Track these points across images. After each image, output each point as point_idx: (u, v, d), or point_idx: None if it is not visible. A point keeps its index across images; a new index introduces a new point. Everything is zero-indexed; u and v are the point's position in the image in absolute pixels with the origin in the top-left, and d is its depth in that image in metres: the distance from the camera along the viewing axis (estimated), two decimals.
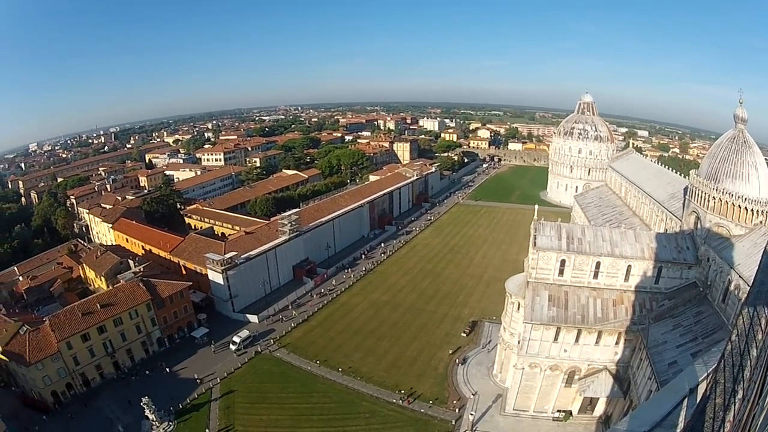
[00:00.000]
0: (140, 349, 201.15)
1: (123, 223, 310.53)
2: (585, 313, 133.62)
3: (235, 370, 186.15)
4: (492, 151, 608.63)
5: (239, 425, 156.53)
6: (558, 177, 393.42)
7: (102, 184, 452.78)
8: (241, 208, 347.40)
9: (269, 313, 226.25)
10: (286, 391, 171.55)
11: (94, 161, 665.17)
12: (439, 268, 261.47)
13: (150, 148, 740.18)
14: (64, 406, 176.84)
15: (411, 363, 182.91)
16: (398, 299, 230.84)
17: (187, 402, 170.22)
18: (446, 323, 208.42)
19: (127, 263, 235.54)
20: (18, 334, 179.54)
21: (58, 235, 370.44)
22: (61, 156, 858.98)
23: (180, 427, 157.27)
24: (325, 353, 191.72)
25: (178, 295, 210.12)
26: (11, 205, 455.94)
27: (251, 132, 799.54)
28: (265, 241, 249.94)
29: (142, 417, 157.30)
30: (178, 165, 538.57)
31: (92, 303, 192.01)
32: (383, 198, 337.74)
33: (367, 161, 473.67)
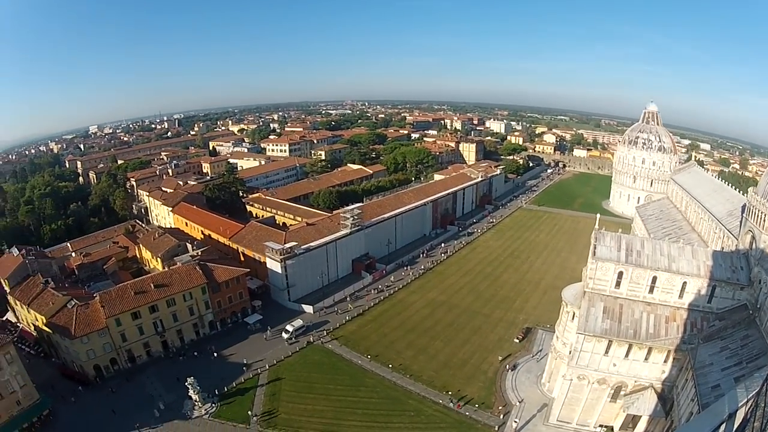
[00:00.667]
0: (191, 331, 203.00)
1: (183, 207, 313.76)
2: (637, 328, 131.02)
3: (285, 358, 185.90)
4: (557, 156, 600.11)
5: (283, 412, 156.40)
6: (621, 187, 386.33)
7: (164, 169, 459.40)
8: (303, 199, 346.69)
9: (325, 304, 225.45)
10: (333, 382, 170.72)
11: (156, 146, 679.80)
12: (498, 272, 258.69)
13: (214, 136, 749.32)
14: (106, 380, 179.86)
15: (462, 365, 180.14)
16: (455, 300, 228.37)
17: (232, 386, 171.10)
18: (500, 328, 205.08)
19: (184, 246, 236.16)
20: (65, 307, 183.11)
21: (115, 215, 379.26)
22: (122, 139, 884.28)
23: (222, 409, 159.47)
24: (377, 348, 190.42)
25: (234, 281, 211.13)
26: (68, 184, 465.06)
27: (317, 125, 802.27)
28: (326, 234, 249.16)
29: (185, 396, 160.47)
30: (242, 153, 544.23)
31: (146, 283, 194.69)
32: (447, 198, 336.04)
33: (432, 160, 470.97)
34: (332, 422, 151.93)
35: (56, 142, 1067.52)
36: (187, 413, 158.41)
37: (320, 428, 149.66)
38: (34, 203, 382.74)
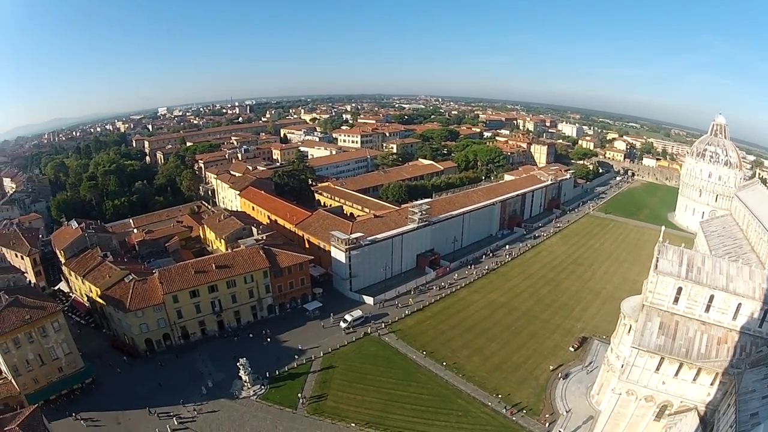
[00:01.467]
0: (248, 313, 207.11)
1: (251, 191, 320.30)
2: (690, 347, 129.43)
3: (341, 347, 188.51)
4: (626, 164, 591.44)
5: (331, 400, 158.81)
6: (687, 200, 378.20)
7: (233, 153, 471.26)
8: (373, 191, 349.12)
9: (386, 297, 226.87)
10: (386, 375, 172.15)
11: (226, 130, 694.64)
12: (561, 278, 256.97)
13: (286, 124, 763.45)
14: (156, 354, 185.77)
15: (515, 369, 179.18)
16: (515, 303, 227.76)
17: (284, 370, 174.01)
18: (557, 335, 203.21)
19: (249, 230, 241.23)
20: (122, 281, 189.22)
21: (181, 195, 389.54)
22: (191, 122, 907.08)
23: (271, 392, 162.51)
24: (433, 345, 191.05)
25: (297, 267, 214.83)
26: (134, 162, 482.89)
27: (390, 118, 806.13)
28: (393, 227, 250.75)
29: (235, 376, 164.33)
30: (313, 142, 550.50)
31: (208, 263, 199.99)
32: (516, 199, 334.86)
33: (503, 160, 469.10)
34: (379, 414, 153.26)
35: (123, 121, 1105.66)
36: (234, 393, 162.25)
37: (366, 419, 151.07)
38: (97, 179, 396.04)
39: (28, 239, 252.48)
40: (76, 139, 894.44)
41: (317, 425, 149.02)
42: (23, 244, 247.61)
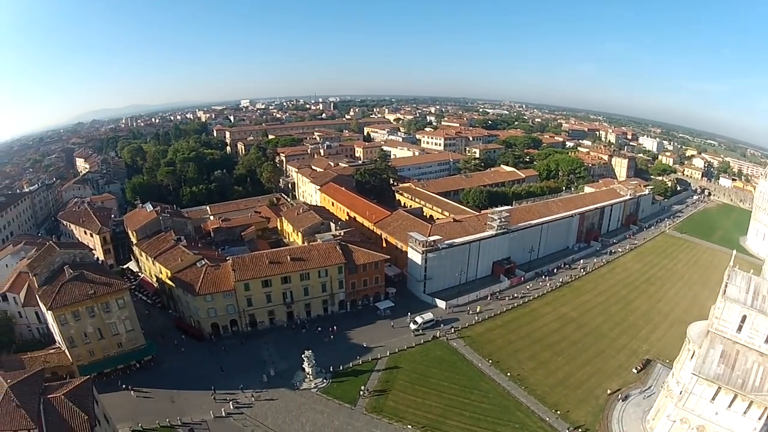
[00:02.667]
0: (319, 307, 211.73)
1: (332, 187, 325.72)
2: (746, 378, 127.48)
3: (408, 348, 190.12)
4: (703, 183, 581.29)
5: (392, 400, 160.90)
6: (759, 224, 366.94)
7: (315, 148, 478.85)
8: (453, 195, 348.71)
9: (458, 302, 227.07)
10: (449, 380, 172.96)
11: (309, 125, 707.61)
12: (632, 296, 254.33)
13: (369, 122, 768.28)
14: (221, 339, 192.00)
15: (577, 386, 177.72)
16: (585, 319, 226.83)
17: (348, 366, 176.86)
18: (622, 355, 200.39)
19: (328, 225, 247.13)
20: (194, 265, 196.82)
21: (260, 186, 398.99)
22: (274, 115, 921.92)
23: (333, 386, 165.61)
24: (499, 354, 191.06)
25: (372, 265, 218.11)
26: (214, 152, 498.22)
27: (474, 122, 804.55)
28: (471, 232, 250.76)
29: (298, 368, 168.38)
30: (396, 142, 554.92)
31: (283, 254, 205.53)
32: (595, 212, 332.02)
33: (584, 171, 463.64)
34: (437, 419, 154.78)
35: (204, 111, 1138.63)
36: (296, 384, 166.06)
37: (424, 422, 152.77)
38: (175, 165, 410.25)
39: (99, 218, 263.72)
40: (155, 125, 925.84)
41: (374, 423, 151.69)
42: (93, 222, 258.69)
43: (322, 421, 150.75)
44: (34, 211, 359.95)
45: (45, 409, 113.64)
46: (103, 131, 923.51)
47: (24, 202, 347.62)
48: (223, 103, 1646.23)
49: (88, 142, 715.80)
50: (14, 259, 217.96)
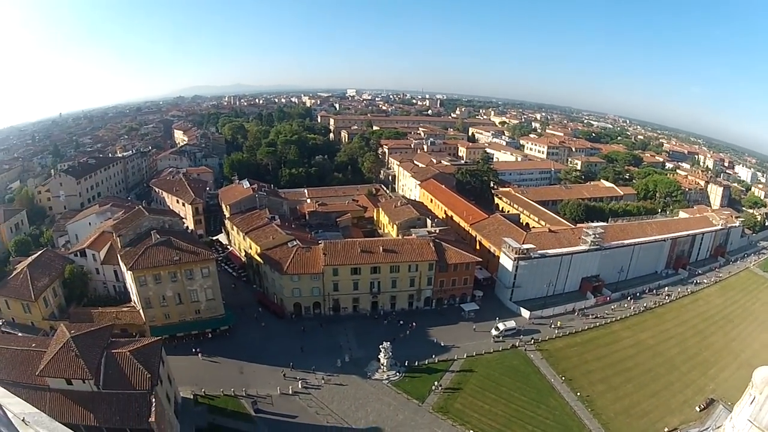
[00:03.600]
0: (404, 300, 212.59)
1: (432, 183, 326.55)
2: None
3: (485, 353, 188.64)
4: None
5: (459, 403, 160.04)
6: None
7: (419, 143, 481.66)
8: (551, 205, 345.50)
9: (542, 314, 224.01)
10: (519, 391, 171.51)
11: (414, 120, 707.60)
12: (709, 331, 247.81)
13: (474, 123, 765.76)
14: (301, 319, 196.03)
15: (640, 416, 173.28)
16: (661, 348, 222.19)
17: (423, 362, 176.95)
18: (690, 390, 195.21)
19: (424, 221, 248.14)
20: (285, 245, 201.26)
21: (360, 176, 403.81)
22: (380, 107, 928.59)
23: (404, 381, 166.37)
24: (572, 372, 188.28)
25: (463, 266, 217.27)
26: (317, 137, 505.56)
27: (577, 133, 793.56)
28: (565, 244, 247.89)
29: (373, 358, 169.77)
30: (499, 146, 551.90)
31: (376, 244, 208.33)
32: (686, 239, 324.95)
33: (681, 195, 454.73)
34: (500, 428, 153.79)
35: (310, 96, 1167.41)
36: (368, 373, 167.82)
37: (487, 429, 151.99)
38: (276, 146, 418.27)
39: (193, 189, 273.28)
40: (258, 106, 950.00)
41: (437, 423, 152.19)
42: (187, 193, 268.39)
43: (386, 413, 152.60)
44: (125, 176, 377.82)
45: (107, 362, 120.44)
46: (205, 107, 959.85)
47: (116, 167, 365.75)
48: (329, 90, 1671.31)
49: (188, 116, 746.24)
50: (99, 219, 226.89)
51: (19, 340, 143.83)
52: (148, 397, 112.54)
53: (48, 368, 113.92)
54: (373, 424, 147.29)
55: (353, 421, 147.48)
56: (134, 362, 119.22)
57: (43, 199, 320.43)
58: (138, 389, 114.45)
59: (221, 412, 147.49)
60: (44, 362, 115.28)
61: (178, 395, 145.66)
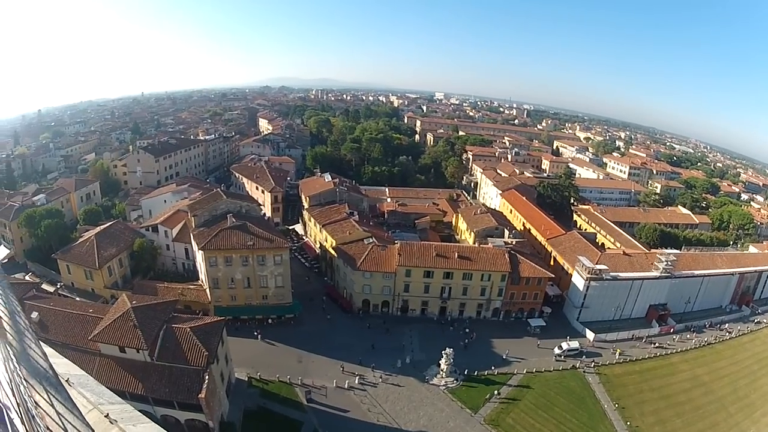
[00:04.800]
0: (473, 309, 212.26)
1: (513, 194, 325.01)
2: None
3: (545, 371, 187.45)
4: None
5: (511, 419, 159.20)
6: None
7: (503, 153, 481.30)
8: (628, 226, 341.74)
9: (606, 337, 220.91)
10: (572, 413, 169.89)
11: (500, 129, 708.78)
12: (761, 373, 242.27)
13: (559, 137, 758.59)
14: (368, 316, 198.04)
15: None
16: (714, 386, 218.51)
17: (483, 373, 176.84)
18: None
19: (502, 231, 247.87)
20: (361, 241, 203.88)
21: (442, 180, 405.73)
22: (466, 112, 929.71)
23: (461, 389, 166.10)
24: (626, 400, 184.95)
25: (535, 281, 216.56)
26: (402, 137, 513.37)
27: (659, 155, 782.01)
28: (637, 269, 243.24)
29: (434, 363, 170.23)
30: (582, 161, 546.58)
31: (451, 249, 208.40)
32: (753, 275, 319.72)
33: (753, 228, 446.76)
34: None
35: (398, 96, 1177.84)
36: (426, 377, 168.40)
37: None
38: (361, 143, 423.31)
39: (274, 177, 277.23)
40: (346, 102, 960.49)
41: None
42: (268, 180, 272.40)
43: (438, 418, 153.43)
44: (206, 159, 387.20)
45: (165, 335, 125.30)
46: (291, 98, 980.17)
47: (196, 149, 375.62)
48: (417, 92, 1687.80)
49: (274, 106, 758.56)
50: (175, 197, 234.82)
51: (76, 305, 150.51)
52: (202, 374, 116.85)
53: (103, 334, 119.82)
54: (423, 429, 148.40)
55: (404, 422, 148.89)
56: (193, 339, 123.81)
57: (118, 173, 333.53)
58: (193, 365, 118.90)
59: (273, 397, 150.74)
60: (100, 328, 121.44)
61: (233, 376, 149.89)
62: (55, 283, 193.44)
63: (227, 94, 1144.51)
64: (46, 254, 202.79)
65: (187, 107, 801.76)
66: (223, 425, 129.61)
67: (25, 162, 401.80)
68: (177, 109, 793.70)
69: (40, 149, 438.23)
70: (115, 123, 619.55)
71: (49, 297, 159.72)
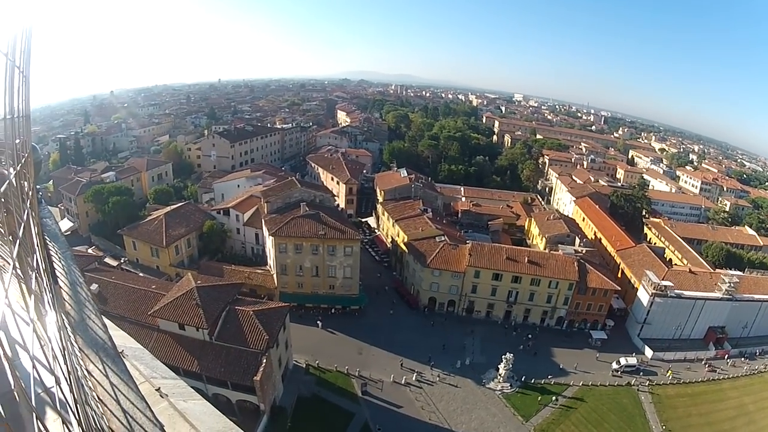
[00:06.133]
0: (537, 315, 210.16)
1: (587, 202, 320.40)
2: None
3: (600, 385, 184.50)
4: None
5: (560, 429, 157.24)
6: None
7: (579, 159, 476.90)
8: (695, 243, 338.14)
9: (663, 356, 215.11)
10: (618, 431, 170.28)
11: (576, 134, 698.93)
12: None
13: (635, 146, 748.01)
14: (433, 314, 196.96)
15: None
16: (758, 416, 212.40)
17: (539, 381, 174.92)
18: None
19: (573, 238, 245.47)
20: (433, 239, 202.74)
21: (518, 182, 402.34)
22: (544, 116, 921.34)
23: (516, 396, 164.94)
24: (674, 423, 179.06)
25: (602, 292, 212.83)
26: (480, 137, 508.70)
27: (731, 172, 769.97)
28: (701, 288, 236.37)
29: (492, 366, 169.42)
30: (656, 173, 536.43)
31: (521, 254, 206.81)
32: None
33: None
34: None
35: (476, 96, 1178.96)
36: (483, 380, 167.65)
37: None
38: (439, 140, 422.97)
39: (350, 169, 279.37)
40: (425, 98, 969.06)
41: None
42: (343, 172, 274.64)
43: (489, 423, 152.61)
44: (282, 147, 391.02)
45: (227, 316, 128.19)
46: (370, 92, 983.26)
47: (273, 137, 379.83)
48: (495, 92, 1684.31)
49: (352, 99, 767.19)
50: (249, 183, 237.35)
51: (139, 280, 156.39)
52: (260, 357, 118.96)
53: (164, 310, 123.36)
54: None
55: (455, 424, 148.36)
56: (255, 322, 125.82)
57: (192, 156, 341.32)
58: (252, 348, 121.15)
59: (329, 386, 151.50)
60: (161, 304, 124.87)
61: (290, 362, 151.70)
62: (119, 257, 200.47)
63: (306, 84, 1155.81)
64: (112, 230, 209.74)
65: (265, 95, 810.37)
66: (275, 409, 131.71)
67: (95, 140, 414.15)
68: (254, 97, 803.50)
69: (111, 128, 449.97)
70: (190, 107, 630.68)
71: (111, 271, 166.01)
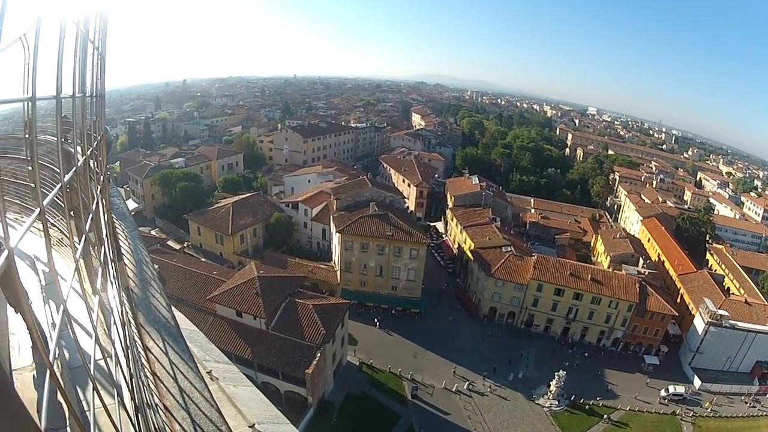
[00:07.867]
0: (594, 335, 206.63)
1: (653, 222, 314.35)
2: None
3: (646, 411, 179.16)
4: None
5: None
6: None
7: (649, 178, 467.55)
8: (754, 274, 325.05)
9: (711, 387, 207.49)
10: None
11: (647, 152, 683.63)
12: None
13: (703, 168, 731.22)
14: (491, 322, 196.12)
15: None
16: None
17: (588, 402, 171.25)
18: None
19: (637, 259, 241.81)
20: (500, 248, 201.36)
21: (587, 198, 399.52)
22: (617, 131, 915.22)
23: (565, 414, 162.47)
24: None
25: (659, 317, 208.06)
26: (553, 149, 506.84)
27: None
28: (755, 321, 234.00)
29: (544, 382, 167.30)
30: (722, 198, 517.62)
31: (585, 270, 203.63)
32: None
33: None
34: None
35: (551, 107, 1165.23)
36: (533, 395, 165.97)
37: None
38: (512, 149, 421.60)
39: (422, 172, 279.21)
40: (500, 106, 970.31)
41: None
42: (415, 175, 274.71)
43: None
44: (355, 146, 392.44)
45: (286, 307, 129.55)
46: (446, 96, 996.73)
47: (347, 135, 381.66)
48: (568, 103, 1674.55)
49: (428, 102, 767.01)
50: (320, 179, 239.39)
51: (201, 265, 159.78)
52: (314, 351, 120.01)
53: (223, 296, 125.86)
54: None
55: None
56: (314, 316, 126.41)
57: (264, 148, 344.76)
58: (307, 341, 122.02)
59: (379, 386, 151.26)
60: (221, 290, 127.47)
61: (344, 358, 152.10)
62: (182, 241, 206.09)
63: (381, 85, 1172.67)
64: (177, 214, 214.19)
65: (340, 93, 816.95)
66: (322, 403, 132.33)
67: (165, 126, 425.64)
68: (329, 94, 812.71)
69: (183, 116, 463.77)
70: (264, 101, 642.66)
71: (173, 253, 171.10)
